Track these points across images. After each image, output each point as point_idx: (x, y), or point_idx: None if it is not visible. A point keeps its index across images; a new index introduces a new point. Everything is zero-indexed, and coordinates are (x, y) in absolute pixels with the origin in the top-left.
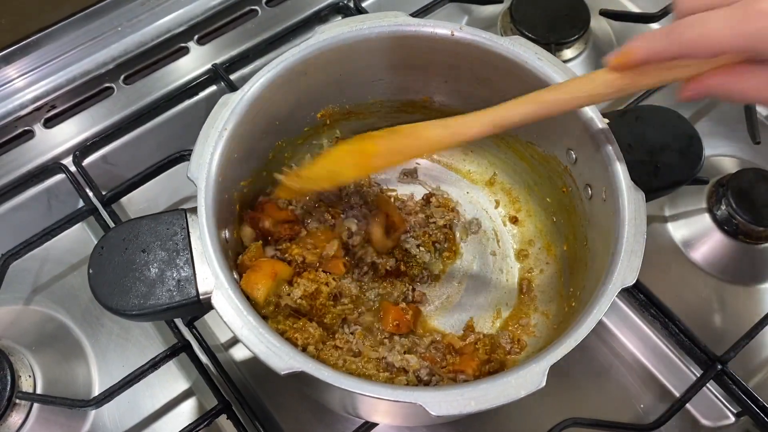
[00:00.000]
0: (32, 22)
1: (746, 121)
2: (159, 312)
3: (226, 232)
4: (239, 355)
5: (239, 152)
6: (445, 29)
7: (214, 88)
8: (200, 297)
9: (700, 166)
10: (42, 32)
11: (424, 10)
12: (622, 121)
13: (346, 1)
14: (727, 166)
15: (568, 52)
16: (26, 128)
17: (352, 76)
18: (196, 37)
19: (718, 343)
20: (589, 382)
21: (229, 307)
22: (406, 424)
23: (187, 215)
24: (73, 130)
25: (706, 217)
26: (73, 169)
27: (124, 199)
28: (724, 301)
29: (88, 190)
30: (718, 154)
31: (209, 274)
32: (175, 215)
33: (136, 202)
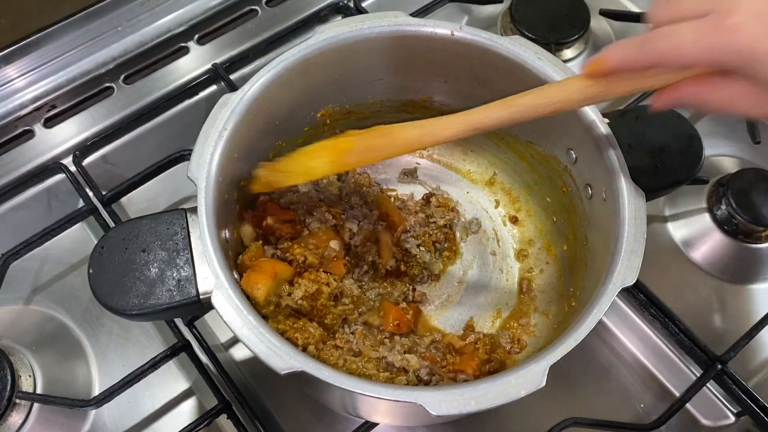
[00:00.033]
0: (32, 22)
1: (746, 121)
2: (159, 312)
3: (226, 231)
4: (239, 355)
5: (239, 152)
6: (445, 29)
7: (214, 88)
8: (200, 297)
9: (700, 166)
10: (42, 32)
11: (424, 10)
12: (622, 121)
13: (346, 1)
14: (727, 166)
15: (568, 52)
16: (26, 128)
17: (352, 76)
18: (196, 37)
19: (718, 343)
20: (589, 382)
21: (229, 307)
22: (406, 424)
23: (187, 215)
24: (73, 130)
25: (706, 216)
26: (73, 169)
27: (124, 199)
28: (724, 301)
29: (88, 190)
30: (718, 154)
31: (209, 273)
32: (175, 215)
33: (136, 202)
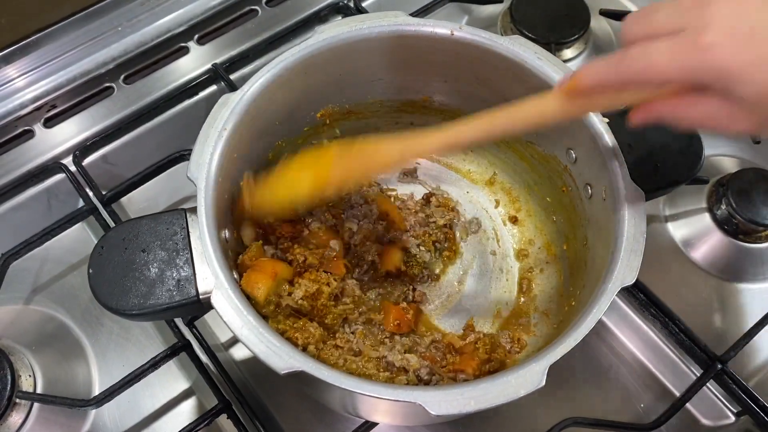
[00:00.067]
0: (32, 22)
1: None
2: (159, 312)
3: (226, 231)
4: (239, 355)
5: (239, 152)
6: (444, 29)
7: (214, 88)
8: (200, 297)
9: (700, 165)
10: (42, 32)
11: (424, 10)
12: (622, 121)
13: (346, 1)
14: (727, 165)
15: (568, 52)
16: (26, 128)
17: (352, 76)
18: (196, 37)
19: (718, 343)
20: (589, 382)
21: (229, 307)
22: (406, 424)
23: (187, 215)
24: (73, 130)
25: (706, 216)
26: (73, 169)
27: (124, 198)
28: (724, 301)
29: (88, 190)
30: (718, 153)
31: (209, 273)
32: (175, 215)
33: (136, 201)
